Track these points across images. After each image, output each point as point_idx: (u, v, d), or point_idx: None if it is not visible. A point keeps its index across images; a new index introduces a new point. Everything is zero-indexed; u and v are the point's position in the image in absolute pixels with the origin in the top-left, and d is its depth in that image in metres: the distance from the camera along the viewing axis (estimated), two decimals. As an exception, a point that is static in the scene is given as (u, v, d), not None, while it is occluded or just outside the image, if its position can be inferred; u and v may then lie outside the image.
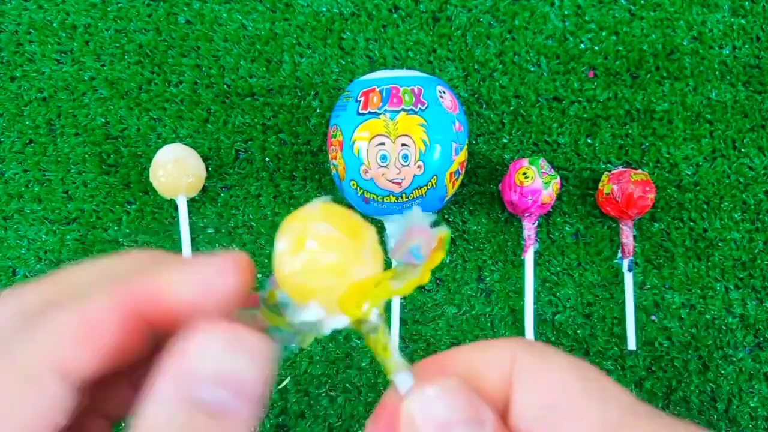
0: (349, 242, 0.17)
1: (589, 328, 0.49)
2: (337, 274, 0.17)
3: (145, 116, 0.51)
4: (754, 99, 0.50)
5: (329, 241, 0.17)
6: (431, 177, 0.42)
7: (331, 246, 0.17)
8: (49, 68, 0.52)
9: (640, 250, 0.49)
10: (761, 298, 0.48)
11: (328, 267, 0.17)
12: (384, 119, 0.41)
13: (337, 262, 0.17)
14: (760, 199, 0.49)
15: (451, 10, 0.51)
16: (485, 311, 0.49)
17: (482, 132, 0.50)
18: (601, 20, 0.50)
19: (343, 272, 0.17)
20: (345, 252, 0.17)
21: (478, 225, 0.50)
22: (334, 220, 0.17)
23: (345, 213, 0.18)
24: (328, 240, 0.17)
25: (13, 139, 0.51)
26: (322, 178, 0.50)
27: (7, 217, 0.51)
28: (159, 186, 0.47)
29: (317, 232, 0.17)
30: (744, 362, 0.48)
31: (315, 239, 0.17)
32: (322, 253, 0.17)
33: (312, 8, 0.51)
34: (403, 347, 0.49)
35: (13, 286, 0.53)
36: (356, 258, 0.17)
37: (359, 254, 0.17)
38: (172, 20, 0.52)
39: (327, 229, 0.17)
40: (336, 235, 0.17)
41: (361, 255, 0.17)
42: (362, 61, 0.51)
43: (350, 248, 0.17)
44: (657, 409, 0.17)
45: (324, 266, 0.17)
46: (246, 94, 0.51)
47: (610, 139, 0.50)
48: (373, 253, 0.18)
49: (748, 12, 0.50)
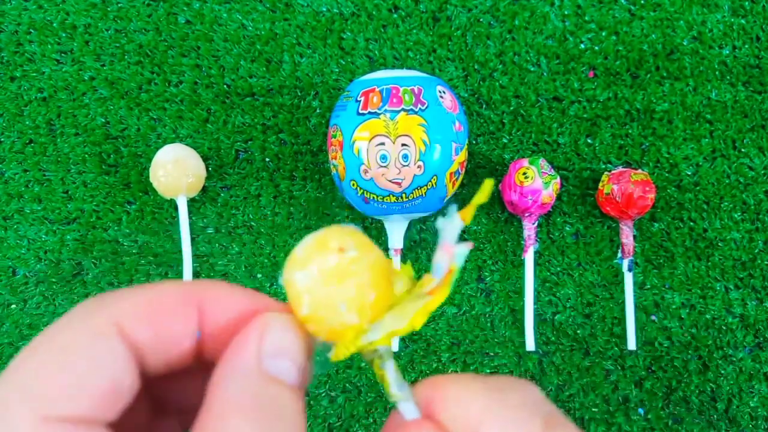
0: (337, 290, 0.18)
1: (589, 328, 0.49)
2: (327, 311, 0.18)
3: (145, 116, 0.51)
4: (754, 99, 0.50)
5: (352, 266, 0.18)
6: (431, 177, 0.42)
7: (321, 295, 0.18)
8: (49, 68, 0.52)
9: (640, 250, 0.49)
10: (761, 298, 0.48)
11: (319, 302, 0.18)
12: (384, 119, 0.41)
13: (325, 298, 0.18)
14: (760, 199, 0.49)
15: (451, 10, 0.51)
16: (485, 311, 0.49)
17: (482, 132, 0.50)
18: (601, 20, 0.50)
19: (333, 311, 0.18)
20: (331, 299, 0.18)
21: (478, 225, 0.50)
22: (323, 264, 0.18)
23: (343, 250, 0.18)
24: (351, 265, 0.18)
25: (13, 139, 0.51)
26: (322, 178, 0.50)
27: (7, 217, 0.51)
28: (159, 186, 0.48)
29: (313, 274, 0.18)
30: (744, 362, 0.48)
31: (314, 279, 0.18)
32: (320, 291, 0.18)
33: (312, 8, 0.51)
34: (404, 347, 0.49)
35: (13, 286, 0.53)
36: (335, 307, 0.18)
37: (336, 306, 0.18)
38: (172, 20, 0.52)
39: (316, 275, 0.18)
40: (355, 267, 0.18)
41: (338, 307, 0.18)
42: (362, 61, 0.51)
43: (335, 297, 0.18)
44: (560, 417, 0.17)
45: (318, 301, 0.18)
46: (246, 94, 0.51)
47: (610, 139, 0.50)
48: (356, 299, 0.18)
49: (748, 12, 0.50)
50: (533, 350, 0.48)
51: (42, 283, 0.50)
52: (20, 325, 0.50)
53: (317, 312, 0.18)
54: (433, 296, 0.18)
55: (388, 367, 0.18)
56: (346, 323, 0.18)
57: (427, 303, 0.18)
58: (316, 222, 0.50)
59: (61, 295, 0.50)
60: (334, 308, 0.17)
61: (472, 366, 0.49)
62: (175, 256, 0.50)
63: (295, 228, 0.50)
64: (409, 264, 0.20)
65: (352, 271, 0.18)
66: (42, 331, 0.17)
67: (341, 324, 0.18)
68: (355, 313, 0.18)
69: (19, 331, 0.50)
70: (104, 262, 0.50)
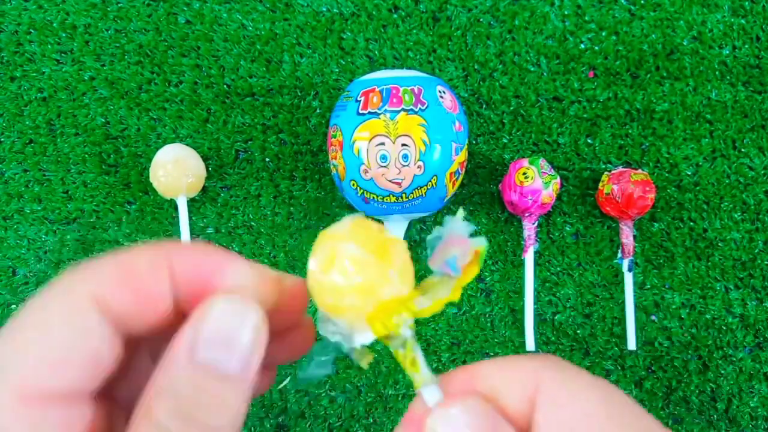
0: (376, 262, 0.18)
1: (589, 328, 0.49)
2: (363, 295, 0.18)
3: (145, 116, 0.51)
4: (754, 99, 0.50)
5: (356, 263, 0.18)
6: (431, 177, 0.42)
7: (358, 267, 0.18)
8: (49, 68, 0.52)
9: (640, 250, 0.49)
10: (761, 298, 0.48)
11: (355, 288, 0.18)
12: (384, 119, 0.41)
13: (363, 283, 0.18)
14: (760, 199, 0.49)
15: (451, 10, 0.51)
16: (485, 311, 0.49)
17: (482, 132, 0.50)
18: (601, 20, 0.50)
19: (370, 292, 0.18)
20: (371, 273, 0.18)
21: (478, 225, 0.50)
22: (363, 240, 0.18)
23: (374, 230, 0.19)
24: (355, 261, 0.18)
25: (13, 139, 0.51)
26: (322, 178, 0.50)
27: (7, 217, 0.51)
28: (159, 186, 0.48)
29: (345, 253, 0.18)
30: (744, 362, 0.48)
31: (343, 260, 0.18)
32: (349, 274, 0.18)
33: (312, 8, 0.51)
34: (403, 347, 0.49)
35: (13, 286, 0.53)
36: (382, 278, 0.18)
37: (386, 274, 0.18)
38: (172, 20, 0.52)
39: (354, 249, 0.18)
40: (363, 256, 0.18)
41: (387, 275, 0.18)
42: (362, 61, 0.51)
43: (377, 268, 0.18)
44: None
45: (351, 287, 0.18)
46: (246, 94, 0.51)
47: (610, 139, 0.50)
48: (402, 272, 0.18)
49: (748, 12, 0.50)
50: (533, 350, 0.48)
51: (42, 283, 0.50)
52: (20, 325, 0.50)
53: (362, 283, 0.18)
54: (465, 273, 0.18)
55: (416, 349, 0.18)
56: (395, 294, 0.18)
57: (461, 278, 0.18)
58: (316, 222, 0.50)
59: (61, 295, 0.50)
60: (384, 276, 0.18)
61: (472, 366, 0.49)
62: (175, 256, 0.50)
63: (295, 228, 0.50)
64: None
65: (392, 249, 0.18)
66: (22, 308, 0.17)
67: (390, 295, 0.18)
68: (404, 283, 0.18)
69: (19, 331, 0.50)
70: (104, 262, 0.50)
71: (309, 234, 0.50)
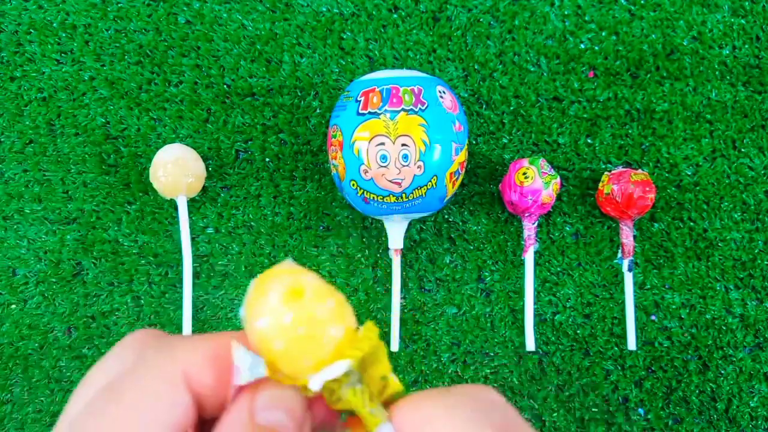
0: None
1: (589, 328, 0.49)
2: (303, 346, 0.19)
3: (145, 116, 0.51)
4: (754, 99, 0.50)
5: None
6: (431, 177, 0.42)
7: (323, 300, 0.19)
8: (49, 68, 0.52)
9: (640, 250, 0.49)
10: (761, 298, 0.48)
11: (324, 319, 0.18)
12: (384, 119, 0.41)
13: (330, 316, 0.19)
14: (760, 199, 0.49)
15: (451, 10, 0.51)
16: (485, 311, 0.49)
17: (482, 132, 0.50)
18: (601, 20, 0.50)
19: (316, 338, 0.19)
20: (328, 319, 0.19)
21: (478, 225, 0.50)
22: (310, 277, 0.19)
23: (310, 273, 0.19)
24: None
25: (13, 139, 0.51)
26: (322, 178, 0.50)
27: (7, 217, 0.51)
28: (159, 186, 0.47)
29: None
30: (744, 362, 0.48)
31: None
32: (316, 304, 0.18)
33: (312, 8, 0.51)
34: (404, 347, 0.49)
35: (13, 286, 0.53)
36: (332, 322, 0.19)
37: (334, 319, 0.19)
38: (172, 20, 0.52)
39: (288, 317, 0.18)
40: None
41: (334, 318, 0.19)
42: (362, 61, 0.51)
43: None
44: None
45: (321, 318, 0.18)
46: (246, 94, 0.51)
47: (610, 139, 0.50)
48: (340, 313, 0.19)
49: (748, 12, 0.50)
50: (533, 350, 0.48)
51: (42, 283, 0.50)
52: (20, 325, 0.50)
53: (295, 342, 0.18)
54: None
55: (362, 390, 0.19)
56: (335, 337, 0.19)
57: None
58: (316, 222, 0.50)
59: (61, 295, 0.50)
60: (319, 337, 0.18)
61: (472, 366, 0.49)
62: (175, 256, 0.50)
63: (295, 228, 0.50)
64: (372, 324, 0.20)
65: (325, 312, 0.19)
66: (96, 363, 0.19)
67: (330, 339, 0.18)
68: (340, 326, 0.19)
69: (19, 331, 0.50)
70: (104, 262, 0.50)
71: (309, 234, 0.50)
